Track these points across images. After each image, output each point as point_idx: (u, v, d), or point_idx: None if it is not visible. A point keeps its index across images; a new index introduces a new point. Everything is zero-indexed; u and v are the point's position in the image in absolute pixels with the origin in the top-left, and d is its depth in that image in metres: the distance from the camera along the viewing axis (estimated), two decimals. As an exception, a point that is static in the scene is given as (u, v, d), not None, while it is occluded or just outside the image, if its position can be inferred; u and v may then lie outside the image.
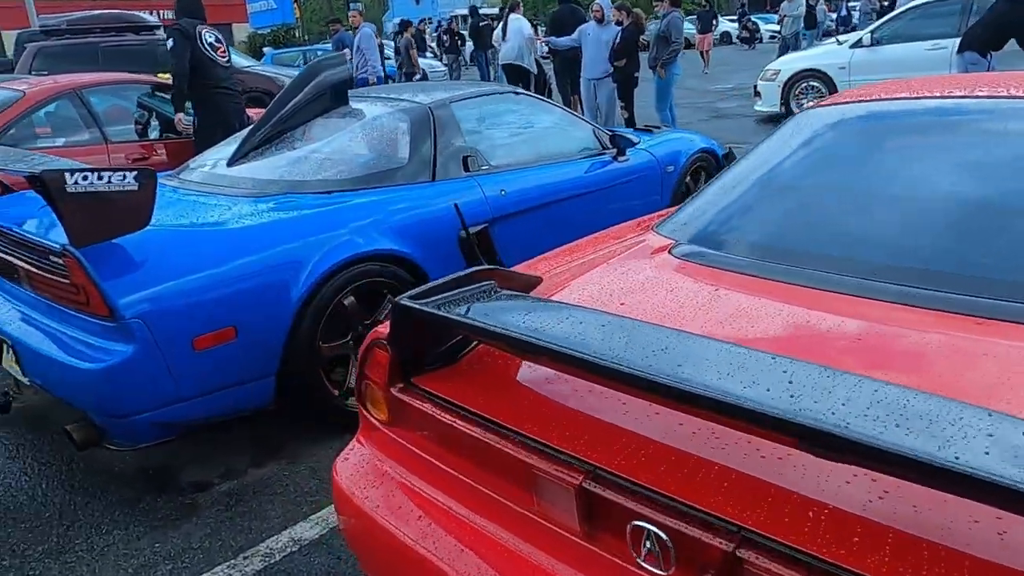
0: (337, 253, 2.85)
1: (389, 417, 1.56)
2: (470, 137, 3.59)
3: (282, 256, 2.73)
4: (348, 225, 2.94)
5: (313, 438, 2.99)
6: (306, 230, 2.83)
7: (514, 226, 3.53)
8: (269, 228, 2.77)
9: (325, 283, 2.81)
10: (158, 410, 2.51)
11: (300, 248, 2.78)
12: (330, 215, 2.93)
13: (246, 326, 2.64)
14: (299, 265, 2.76)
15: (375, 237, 2.99)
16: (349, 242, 2.90)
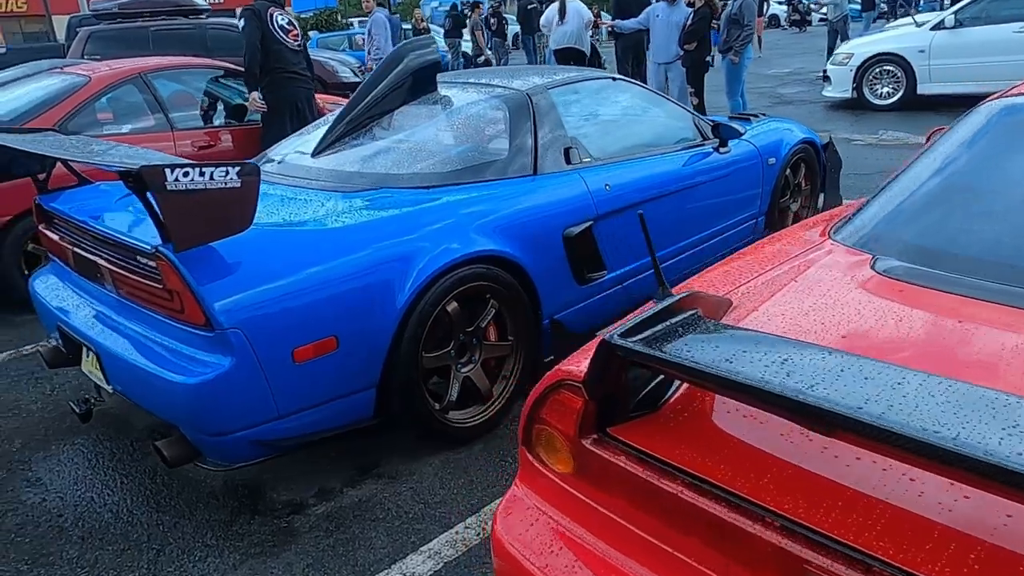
0: (444, 255, 2.60)
1: (574, 471, 1.30)
2: (570, 126, 3.31)
3: (387, 258, 2.49)
4: (452, 224, 2.69)
5: (410, 453, 2.76)
6: (410, 229, 2.59)
7: (617, 224, 3.26)
8: (371, 227, 2.53)
9: (430, 288, 2.56)
10: (256, 427, 2.29)
11: (405, 249, 2.54)
12: (433, 212, 2.68)
13: (348, 335, 2.41)
14: (405, 268, 2.52)
15: (481, 237, 2.73)
16: (455, 243, 2.65)
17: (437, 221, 2.66)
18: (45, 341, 3.96)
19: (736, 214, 4.03)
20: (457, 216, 2.72)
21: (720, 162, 3.84)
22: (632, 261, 3.39)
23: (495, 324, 2.87)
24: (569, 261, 3.05)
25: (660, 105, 3.88)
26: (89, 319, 2.65)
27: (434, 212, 2.69)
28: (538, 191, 3.00)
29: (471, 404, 2.84)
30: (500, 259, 2.79)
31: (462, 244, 2.67)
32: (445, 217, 2.69)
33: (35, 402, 3.37)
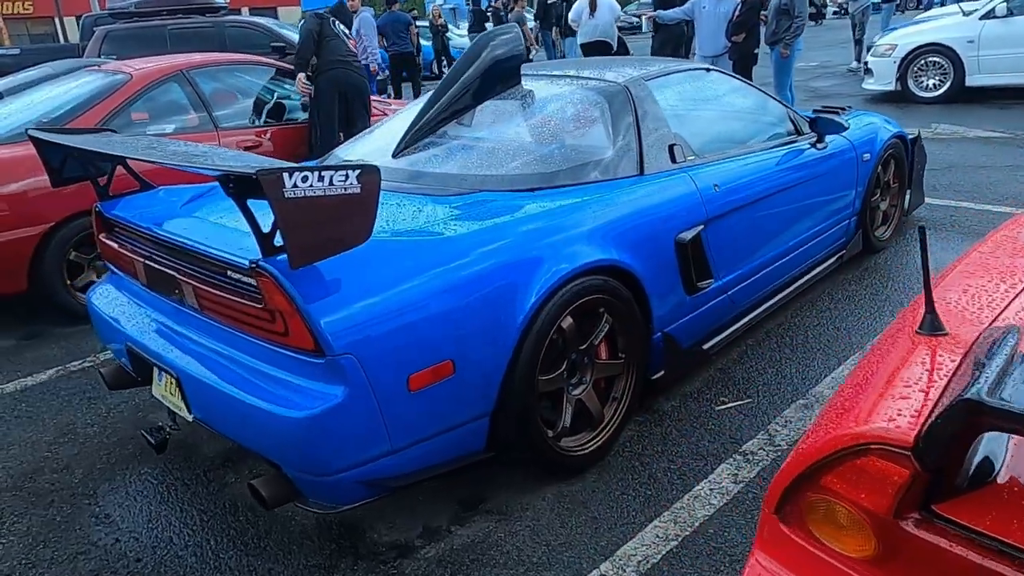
0: (563, 266, 2.33)
1: (877, 555, 1.03)
2: (670, 121, 3.03)
3: (505, 271, 2.22)
4: (567, 231, 2.41)
5: (518, 486, 2.49)
6: (524, 238, 2.31)
7: (725, 228, 2.98)
8: (484, 236, 2.25)
9: (548, 302, 2.29)
10: (367, 465, 2.03)
11: (524, 260, 2.27)
12: (545, 219, 2.41)
13: (465, 358, 2.14)
14: (524, 281, 2.25)
15: (596, 245, 2.46)
16: (573, 252, 2.38)
17: (551, 228, 2.39)
18: (94, 356, 3.72)
19: (833, 214, 3.75)
20: (570, 222, 2.44)
21: (819, 158, 3.56)
22: (737, 268, 3.12)
23: (606, 341, 2.60)
24: (680, 269, 2.77)
25: (756, 97, 3.60)
26: (167, 340, 2.39)
27: (546, 218, 2.41)
28: (648, 193, 2.72)
29: (581, 430, 2.57)
30: (615, 269, 2.51)
31: (579, 253, 2.39)
32: (558, 224, 2.41)
33: (91, 425, 3.11)
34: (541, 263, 2.30)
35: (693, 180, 2.88)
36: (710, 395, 2.96)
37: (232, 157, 1.98)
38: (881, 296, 3.74)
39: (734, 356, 3.25)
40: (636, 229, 2.62)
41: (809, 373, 3.06)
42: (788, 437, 2.63)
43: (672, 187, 2.80)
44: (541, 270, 2.29)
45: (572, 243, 2.40)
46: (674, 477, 2.48)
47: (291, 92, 5.29)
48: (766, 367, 3.14)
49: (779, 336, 3.39)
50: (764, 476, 2.44)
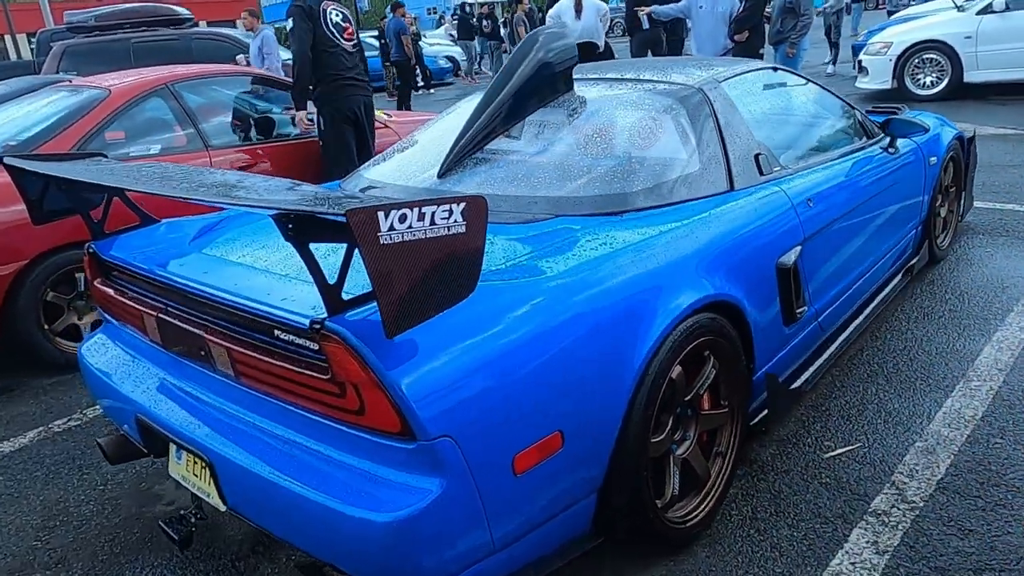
0: (675, 304, 1.94)
1: None
2: (751, 128, 2.66)
3: (615, 314, 1.83)
4: (672, 262, 2.02)
5: (621, 567, 2.08)
6: (631, 272, 1.91)
7: (818, 247, 2.63)
8: (583, 274, 1.85)
9: (660, 349, 1.90)
10: (468, 569, 1.61)
11: (633, 300, 1.88)
12: (648, 249, 2.01)
13: (575, 427, 1.74)
14: (635, 326, 1.85)
15: (704, 277, 2.08)
16: (682, 287, 1.99)
17: (655, 260, 1.99)
18: (80, 413, 3.20)
19: (906, 223, 3.43)
20: (673, 251, 2.05)
21: (894, 164, 3.23)
22: (828, 291, 2.76)
23: (709, 388, 2.21)
24: (781, 296, 2.40)
25: (826, 98, 3.25)
26: (191, 413, 1.94)
27: (647, 248, 2.02)
28: (745, 211, 2.34)
29: (686, 494, 2.18)
30: (723, 304, 2.13)
31: (688, 288, 2.01)
32: (662, 254, 2.02)
33: (86, 502, 2.63)
34: (651, 303, 1.91)
35: (786, 194, 2.52)
36: (810, 440, 2.59)
37: (279, 188, 1.54)
38: (961, 311, 3.42)
39: (823, 391, 2.88)
40: (739, 254, 2.24)
41: (916, 408, 2.70)
42: (920, 490, 2.27)
43: (767, 203, 2.43)
44: (652, 311, 1.90)
45: (679, 276, 2.01)
46: (803, 548, 2.10)
47: (288, 102, 4.79)
48: (864, 403, 2.77)
49: (867, 366, 3.04)
50: (909, 543, 2.07)
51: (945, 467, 2.37)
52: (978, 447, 2.45)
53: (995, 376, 2.85)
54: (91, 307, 3.80)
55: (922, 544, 2.06)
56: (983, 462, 2.37)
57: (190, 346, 1.93)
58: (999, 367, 2.91)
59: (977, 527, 2.10)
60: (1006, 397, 2.71)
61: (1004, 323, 3.25)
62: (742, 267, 2.23)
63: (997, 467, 2.34)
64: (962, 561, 1.99)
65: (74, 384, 3.59)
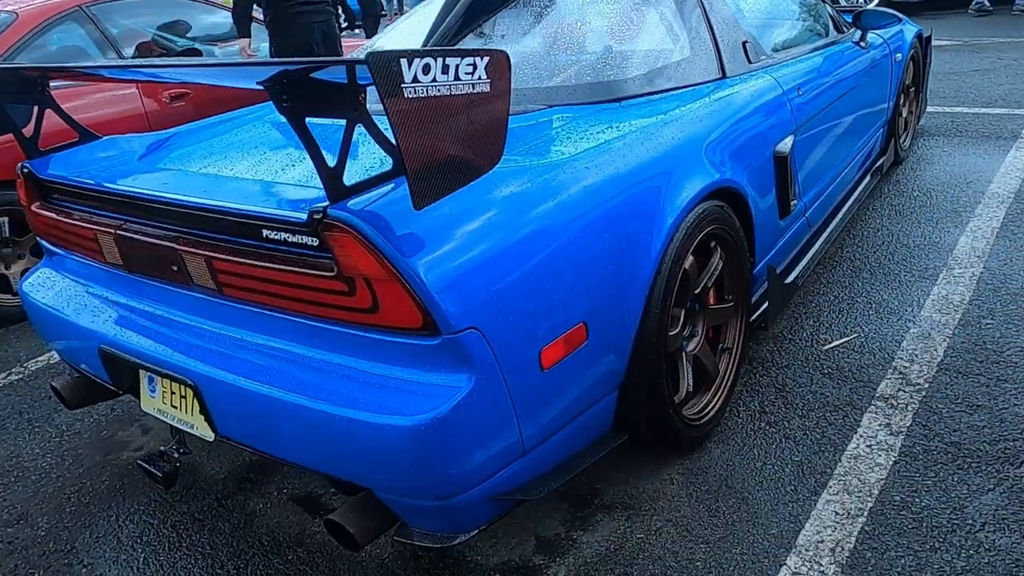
0: (685, 192, 1.83)
1: None
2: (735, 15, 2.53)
3: (632, 199, 1.70)
4: (680, 146, 1.90)
5: (631, 471, 2.01)
6: (642, 156, 1.78)
7: (808, 138, 2.55)
8: (597, 157, 1.71)
9: (675, 236, 1.79)
10: (498, 474, 1.49)
11: (648, 185, 1.75)
12: (655, 133, 1.88)
13: (599, 318, 1.62)
14: (651, 211, 1.74)
15: (711, 163, 1.96)
16: (692, 172, 1.88)
17: (664, 142, 1.87)
18: (21, 367, 2.90)
19: (875, 121, 3.40)
20: (680, 134, 1.93)
21: (867, 58, 3.17)
22: (815, 184, 2.71)
23: (715, 285, 2.13)
24: (777, 187, 2.32)
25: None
26: (168, 337, 1.74)
27: (654, 132, 1.88)
28: (741, 97, 2.23)
29: (697, 392, 2.11)
30: (729, 192, 2.03)
31: (698, 173, 1.89)
32: (669, 138, 1.89)
33: (42, 456, 2.41)
34: (663, 188, 1.79)
35: (778, 82, 2.42)
36: (805, 334, 2.55)
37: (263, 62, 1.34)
38: (931, 206, 3.43)
39: (812, 288, 2.85)
40: (740, 141, 2.13)
41: (905, 297, 2.70)
42: (923, 373, 2.26)
43: (761, 90, 2.33)
44: (665, 197, 1.78)
45: (687, 161, 1.90)
46: (816, 435, 2.06)
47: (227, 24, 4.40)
48: (854, 297, 2.75)
49: (850, 262, 3.02)
50: (922, 423, 2.05)
51: (943, 349, 2.36)
52: (971, 329, 2.45)
53: (975, 263, 2.87)
54: (19, 255, 3.47)
55: (934, 422, 2.05)
56: (979, 342, 2.38)
57: (158, 263, 1.72)
58: (977, 254, 2.93)
59: (984, 402, 2.10)
60: (989, 281, 2.73)
61: (975, 214, 3.28)
62: (744, 154, 2.13)
63: (993, 345, 2.35)
64: (975, 435, 1.98)
65: (9, 338, 3.29)
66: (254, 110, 2.58)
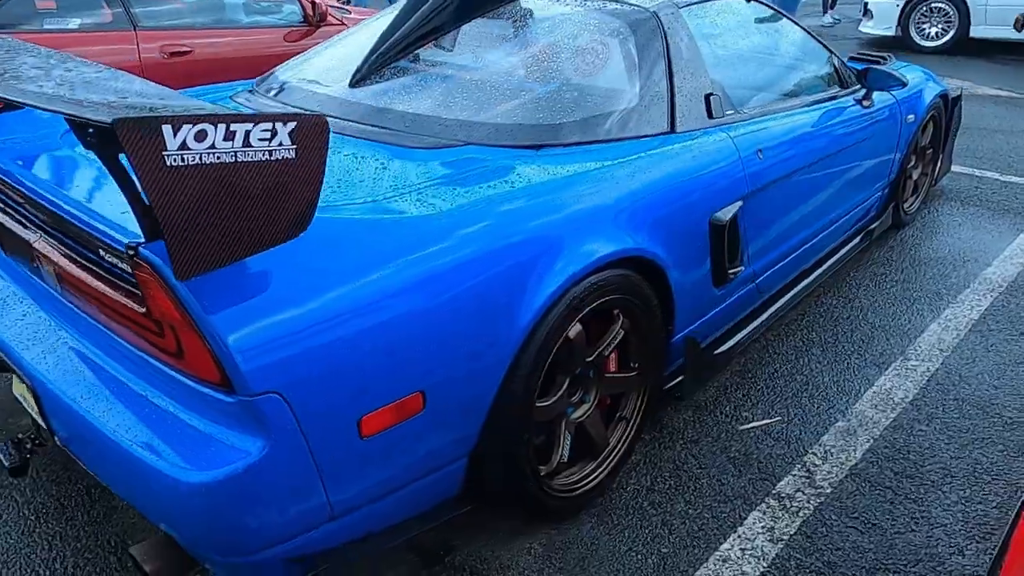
0: (579, 257, 1.72)
1: None
2: (707, 63, 2.38)
3: (503, 264, 1.60)
4: (584, 208, 1.79)
5: (496, 531, 1.94)
6: (530, 216, 1.68)
7: (763, 203, 2.40)
8: (474, 213, 1.62)
9: (556, 306, 1.70)
10: (299, 538, 1.44)
11: (528, 248, 1.65)
12: (557, 190, 1.78)
13: (441, 387, 1.54)
14: (526, 278, 1.64)
15: (621, 227, 1.85)
16: (591, 237, 1.77)
17: (563, 204, 1.76)
18: None
19: (870, 183, 3.20)
20: (588, 195, 1.82)
21: (866, 118, 2.98)
22: (770, 251, 2.56)
23: (617, 348, 2.02)
24: (712, 255, 2.19)
25: (799, 37, 2.96)
26: (21, 327, 1.72)
27: (556, 189, 1.78)
28: (683, 157, 2.10)
29: (579, 460, 2.02)
30: (640, 260, 1.92)
31: (599, 239, 1.79)
32: (573, 197, 1.79)
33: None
34: (550, 252, 1.69)
35: (734, 142, 2.27)
36: (729, 408, 2.43)
37: (95, 82, 1.27)
38: (915, 283, 3.24)
39: (754, 356, 2.72)
40: (667, 205, 2.01)
41: (846, 384, 2.55)
42: (830, 475, 2.13)
43: (710, 150, 2.19)
44: (550, 263, 1.68)
45: (589, 225, 1.79)
46: (694, 527, 1.96)
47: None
48: (793, 373, 2.61)
49: (804, 332, 2.87)
50: (807, 532, 1.94)
51: (862, 452, 2.22)
52: (900, 433, 2.31)
53: (935, 356, 2.69)
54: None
55: (820, 535, 1.93)
56: (903, 450, 2.23)
57: (23, 253, 1.69)
58: (941, 347, 2.75)
59: (881, 521, 1.97)
60: (941, 380, 2.56)
61: (956, 300, 3.08)
62: (668, 220, 2.00)
63: (916, 457, 2.21)
64: (858, 558, 1.86)
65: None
66: (217, 90, 2.54)
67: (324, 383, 1.36)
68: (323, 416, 1.37)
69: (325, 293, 1.36)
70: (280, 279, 1.33)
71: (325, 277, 1.38)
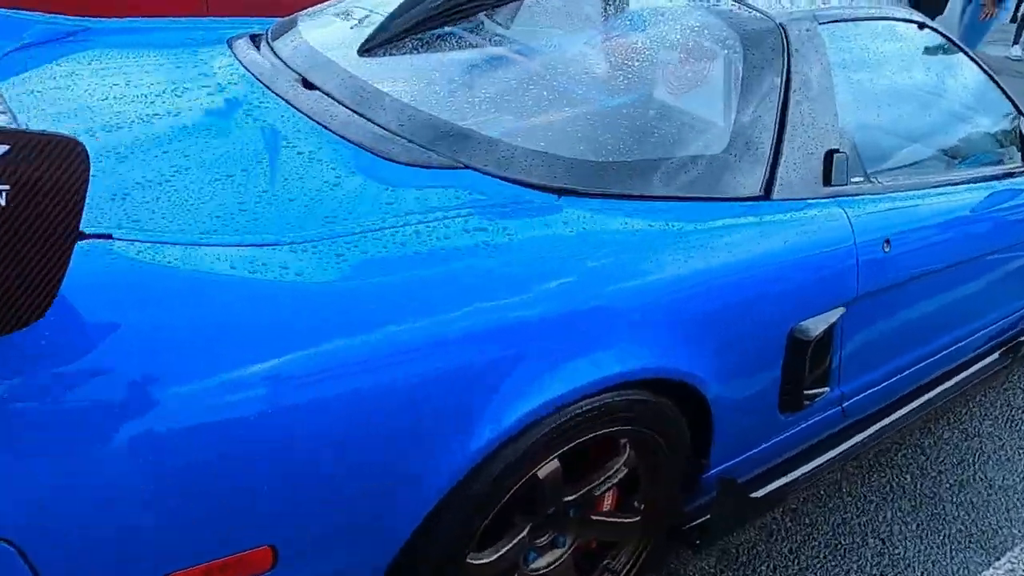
0: (566, 376, 1.17)
1: None
2: (840, 106, 1.73)
3: (432, 372, 1.07)
4: (592, 301, 1.22)
5: None
6: (501, 310, 1.14)
7: (874, 310, 1.75)
8: (411, 285, 1.08)
9: (513, 443, 1.15)
10: None
11: (483, 355, 1.11)
12: (556, 268, 1.21)
13: (304, 542, 1.04)
14: (468, 398, 1.10)
15: (646, 335, 1.27)
16: (595, 347, 1.21)
17: (561, 293, 1.20)
18: None
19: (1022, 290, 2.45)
20: (605, 278, 1.25)
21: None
22: (870, 370, 1.91)
23: (618, 485, 1.46)
24: (785, 375, 1.58)
25: (976, 83, 2.22)
26: None
27: (559, 265, 1.22)
28: (768, 238, 1.48)
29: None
30: (669, 382, 1.34)
31: (613, 350, 1.22)
32: (581, 280, 1.22)
33: None
34: (525, 362, 1.14)
35: (852, 224, 1.62)
36: (768, 565, 1.83)
37: None
38: (1061, 428, 2.48)
39: (818, 492, 2.09)
40: (726, 309, 1.41)
41: (935, 567, 1.89)
42: None
43: (814, 233, 1.56)
44: (524, 377, 1.13)
45: (599, 326, 1.22)
46: None
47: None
48: (867, 531, 1.97)
49: (895, 472, 2.20)
50: None
51: None
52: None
53: (1071, 553, 1.98)
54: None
55: None
56: None
57: None
58: (1083, 539, 2.03)
59: None
60: (1073, 593, 1.86)
61: (1116, 468, 2.32)
62: (722, 328, 1.41)
63: None
64: None
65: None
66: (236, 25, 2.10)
67: (97, 529, 0.88)
68: (96, 565, 0.90)
69: (119, 411, 0.87)
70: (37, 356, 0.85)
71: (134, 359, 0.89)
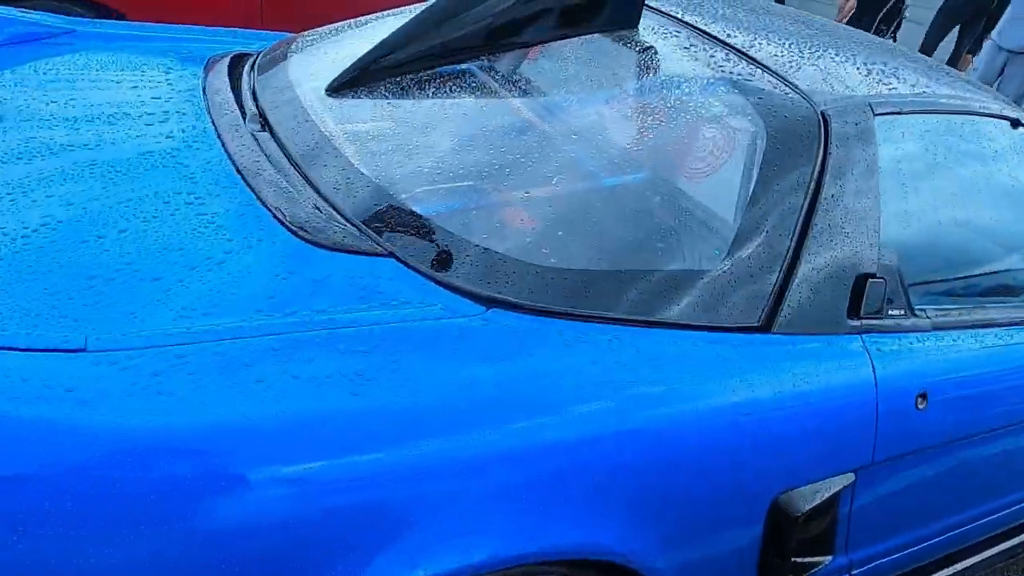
0: (447, 553, 0.91)
1: None
2: (884, 219, 1.40)
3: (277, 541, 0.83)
4: (491, 452, 0.96)
5: None
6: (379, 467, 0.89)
7: (892, 476, 1.42)
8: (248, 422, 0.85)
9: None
10: None
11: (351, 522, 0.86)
12: (451, 407, 0.95)
13: None
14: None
15: (567, 504, 1.00)
16: (491, 519, 0.94)
17: (459, 439, 0.94)
18: None
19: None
20: (517, 425, 0.98)
21: None
22: (887, 539, 1.57)
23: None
24: (768, 544, 1.28)
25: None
26: None
27: (459, 402, 0.96)
28: (751, 385, 1.18)
29: None
30: (597, 563, 1.06)
31: (522, 523, 0.95)
32: (481, 426, 0.96)
33: None
34: (396, 531, 0.89)
35: (876, 372, 1.31)
36: None
37: None
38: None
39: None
40: (680, 476, 1.11)
41: None
42: None
43: (820, 380, 1.25)
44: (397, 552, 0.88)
45: (503, 489, 0.96)
46: None
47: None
48: None
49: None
50: None
51: None
52: None
53: None
54: None
55: None
56: None
57: None
58: None
59: None
60: None
61: None
62: (675, 495, 1.12)
63: None
64: None
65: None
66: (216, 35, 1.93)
67: None
68: None
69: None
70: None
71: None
